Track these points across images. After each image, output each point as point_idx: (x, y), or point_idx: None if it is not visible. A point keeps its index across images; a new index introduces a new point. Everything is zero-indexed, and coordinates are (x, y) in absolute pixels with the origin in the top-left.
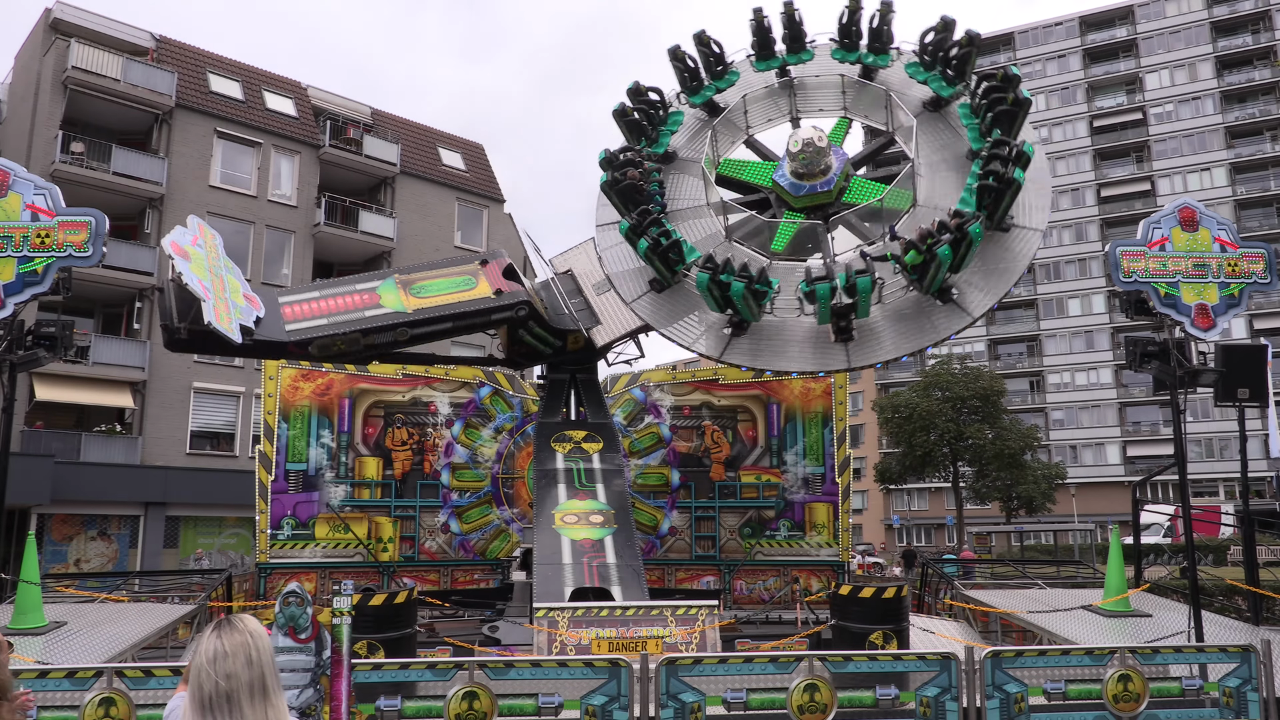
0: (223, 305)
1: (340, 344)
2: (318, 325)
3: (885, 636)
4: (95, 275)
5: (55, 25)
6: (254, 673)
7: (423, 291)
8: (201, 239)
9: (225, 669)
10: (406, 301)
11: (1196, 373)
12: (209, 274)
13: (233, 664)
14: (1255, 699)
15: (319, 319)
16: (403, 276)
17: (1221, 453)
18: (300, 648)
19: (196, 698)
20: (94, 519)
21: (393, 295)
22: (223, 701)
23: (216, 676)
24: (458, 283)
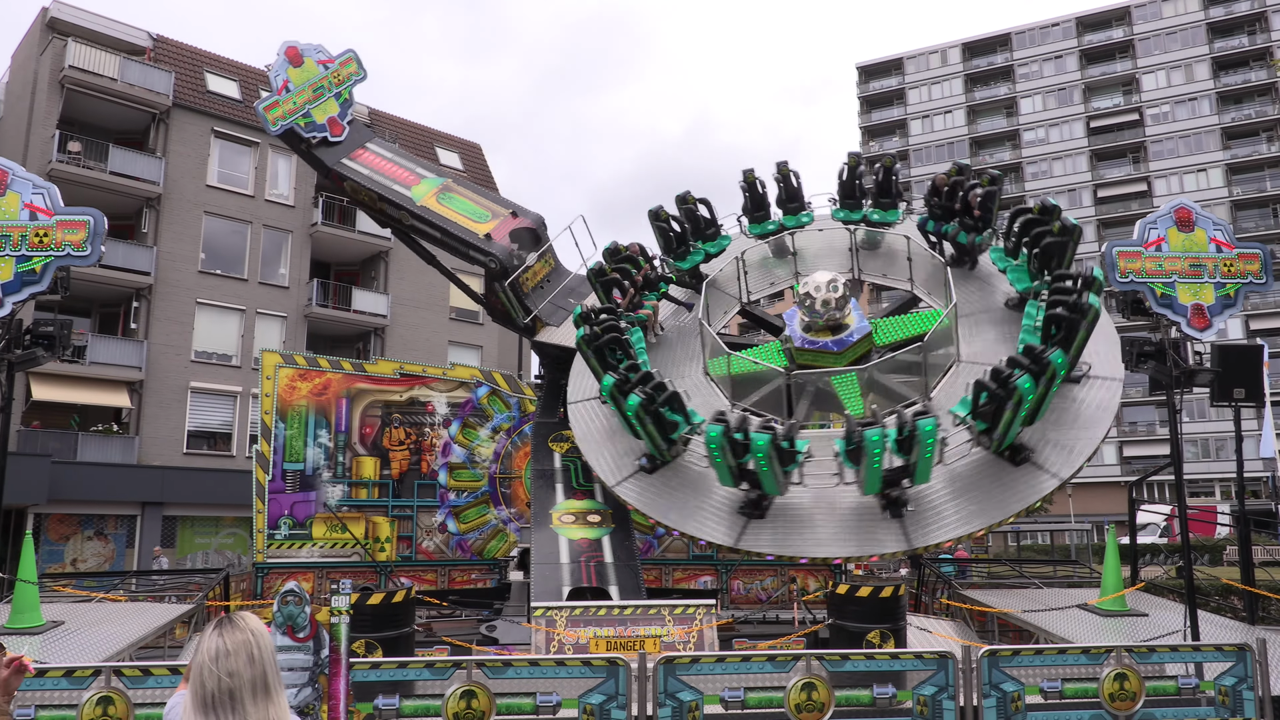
0: (290, 107)
1: (364, 195)
2: (361, 173)
3: (882, 636)
4: (92, 275)
5: (52, 24)
6: (256, 671)
7: (447, 201)
8: (334, 65)
9: (228, 667)
10: (428, 200)
11: (1193, 373)
12: (309, 88)
13: (235, 662)
14: (1251, 697)
15: (367, 170)
16: (450, 184)
17: (1217, 453)
18: (298, 646)
19: (199, 695)
20: (91, 519)
21: (426, 189)
22: (225, 699)
23: (219, 674)
24: (476, 211)
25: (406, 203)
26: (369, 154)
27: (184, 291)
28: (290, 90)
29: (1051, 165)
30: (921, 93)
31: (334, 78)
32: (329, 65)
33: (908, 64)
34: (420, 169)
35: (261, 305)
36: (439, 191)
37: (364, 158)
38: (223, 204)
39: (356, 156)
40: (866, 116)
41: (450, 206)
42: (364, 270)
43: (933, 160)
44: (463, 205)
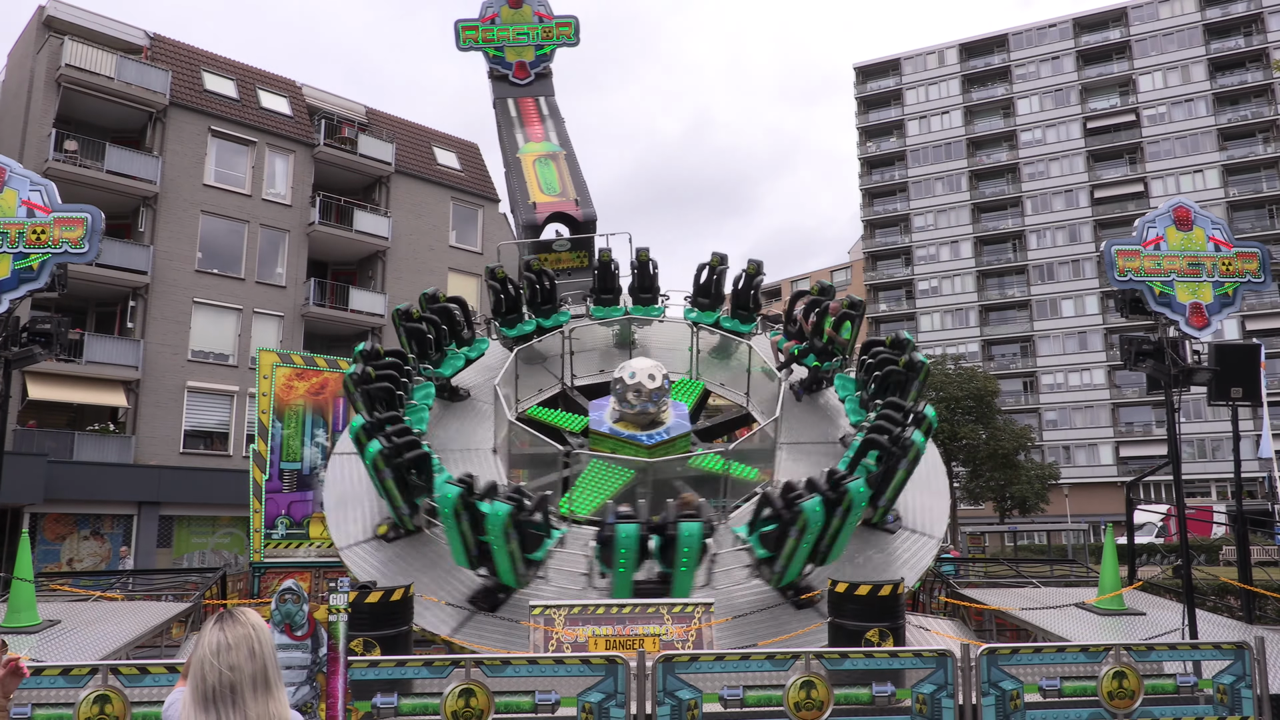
0: (488, 37)
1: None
2: (508, 114)
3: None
4: (89, 274)
5: (49, 23)
6: (256, 665)
7: (540, 165)
8: (550, 21)
9: (229, 661)
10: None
11: (1191, 371)
12: (515, 31)
13: (236, 656)
14: (1249, 696)
15: (513, 113)
16: (559, 156)
17: (1213, 453)
18: (296, 645)
19: (199, 690)
20: (87, 518)
21: (536, 149)
22: (226, 694)
23: (220, 668)
24: (552, 185)
25: (510, 149)
26: (529, 102)
27: (181, 291)
28: (496, 23)
29: (1048, 166)
30: (919, 93)
31: (543, 31)
32: (544, 20)
33: (905, 65)
34: (553, 134)
35: (258, 304)
36: (542, 156)
37: (524, 104)
38: (220, 203)
39: (522, 101)
40: (864, 117)
41: (536, 170)
42: (361, 270)
43: (930, 161)
44: (547, 175)
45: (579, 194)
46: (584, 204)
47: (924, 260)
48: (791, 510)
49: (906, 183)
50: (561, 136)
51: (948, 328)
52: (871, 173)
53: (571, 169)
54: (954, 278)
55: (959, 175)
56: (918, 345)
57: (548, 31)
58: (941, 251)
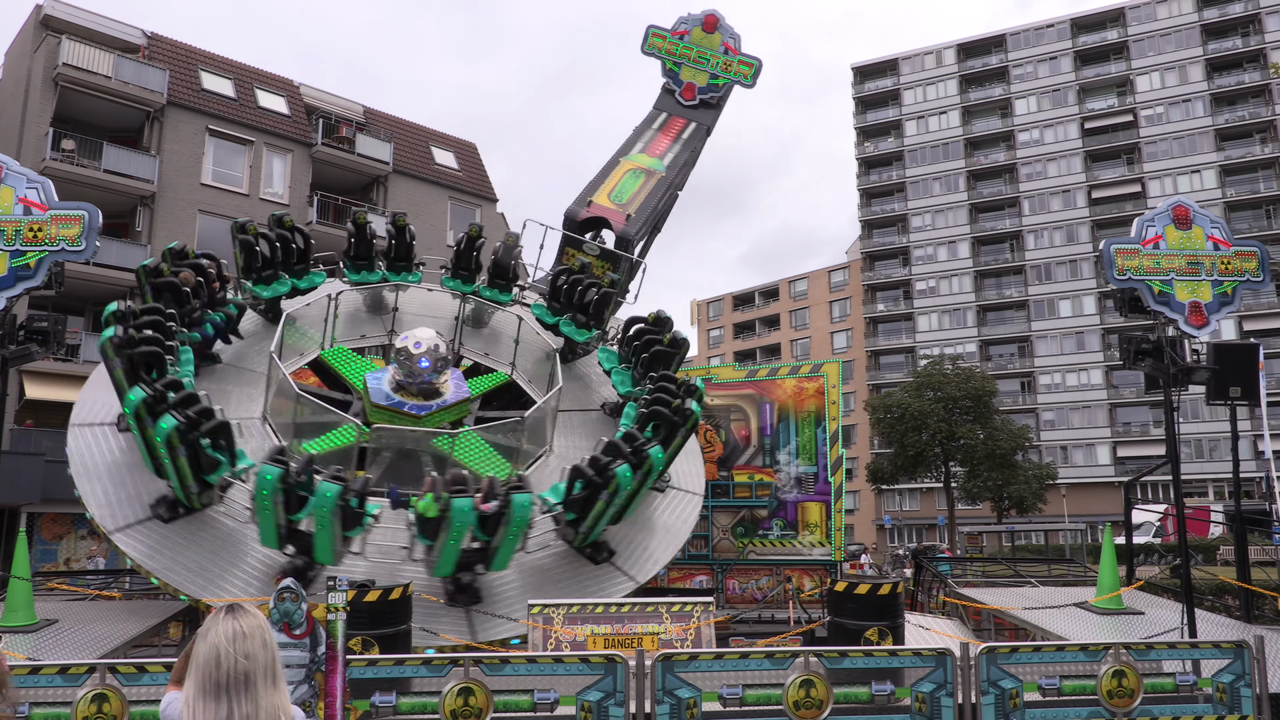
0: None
1: None
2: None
3: (880, 633)
4: (85, 273)
5: (46, 22)
6: (268, 656)
7: (631, 176)
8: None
9: (245, 649)
10: (626, 164)
11: (1189, 370)
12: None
13: (251, 645)
14: (1248, 695)
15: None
16: (654, 174)
17: (1210, 454)
18: (295, 643)
19: (210, 679)
20: (84, 518)
21: (639, 160)
22: (240, 682)
23: (236, 655)
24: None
25: (623, 150)
26: (678, 122)
27: None
28: (684, 40)
29: (1046, 166)
30: (916, 94)
31: (724, 63)
32: (729, 53)
33: (903, 65)
34: (668, 156)
35: None
36: (640, 169)
37: (673, 122)
38: (217, 202)
39: (673, 118)
40: (861, 117)
41: (623, 176)
42: None
43: (928, 161)
44: (627, 186)
45: (637, 213)
46: (633, 223)
47: (922, 260)
48: (605, 476)
49: (904, 183)
50: (674, 164)
51: (945, 328)
52: (869, 173)
53: (652, 192)
54: (952, 278)
55: (957, 175)
56: (674, 322)
57: (728, 64)
58: (939, 252)
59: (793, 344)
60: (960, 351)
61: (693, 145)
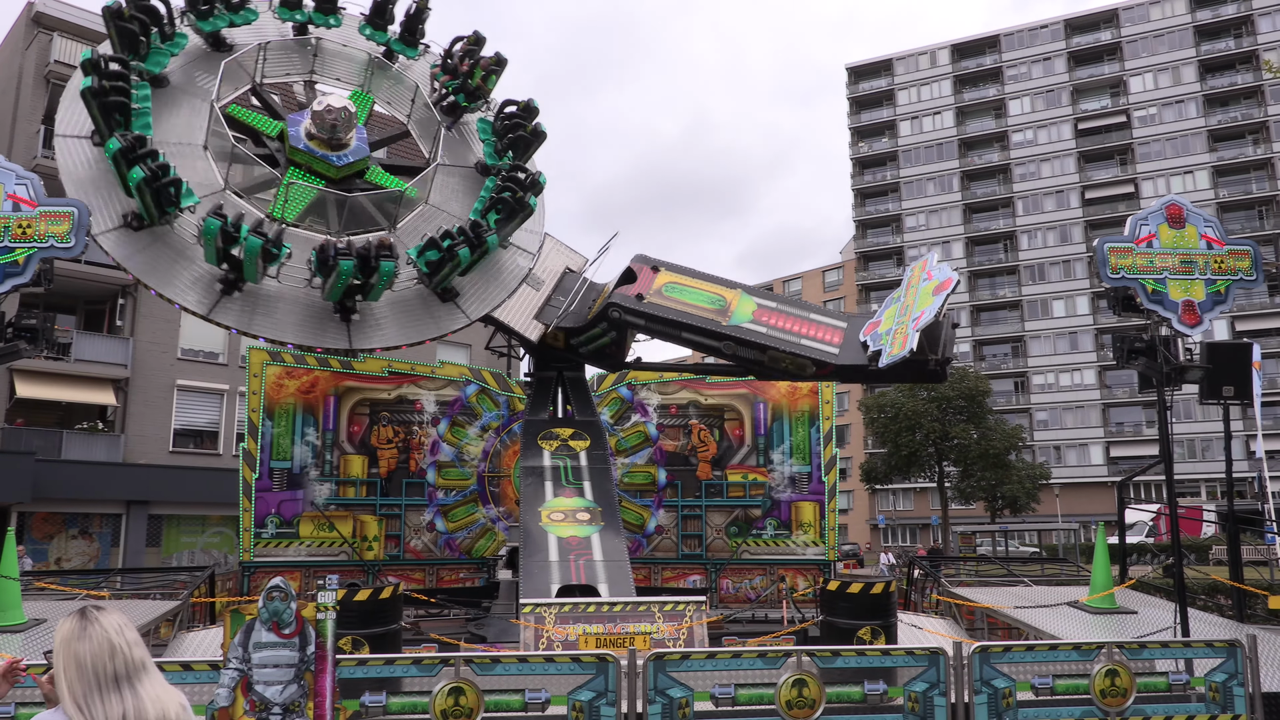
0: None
1: None
2: None
3: (873, 632)
4: (78, 272)
5: (38, 19)
6: (142, 644)
7: (721, 303)
8: (1224, 249)
9: (132, 637)
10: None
11: (1183, 369)
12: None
13: (134, 634)
14: (1241, 694)
15: None
16: (724, 316)
17: (1203, 454)
18: (284, 643)
19: (107, 671)
20: (75, 517)
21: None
22: (138, 669)
23: (130, 644)
24: (683, 291)
25: None
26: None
27: None
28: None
29: (1040, 167)
30: (911, 94)
31: (1216, 262)
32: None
33: (897, 65)
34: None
35: None
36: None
37: None
38: None
39: None
40: (856, 117)
41: None
42: None
43: (922, 161)
44: None
45: None
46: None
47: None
48: (450, 254)
49: (898, 183)
50: None
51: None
52: (863, 173)
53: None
54: None
55: (951, 176)
56: (541, 190)
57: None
58: (933, 252)
59: None
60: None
61: None
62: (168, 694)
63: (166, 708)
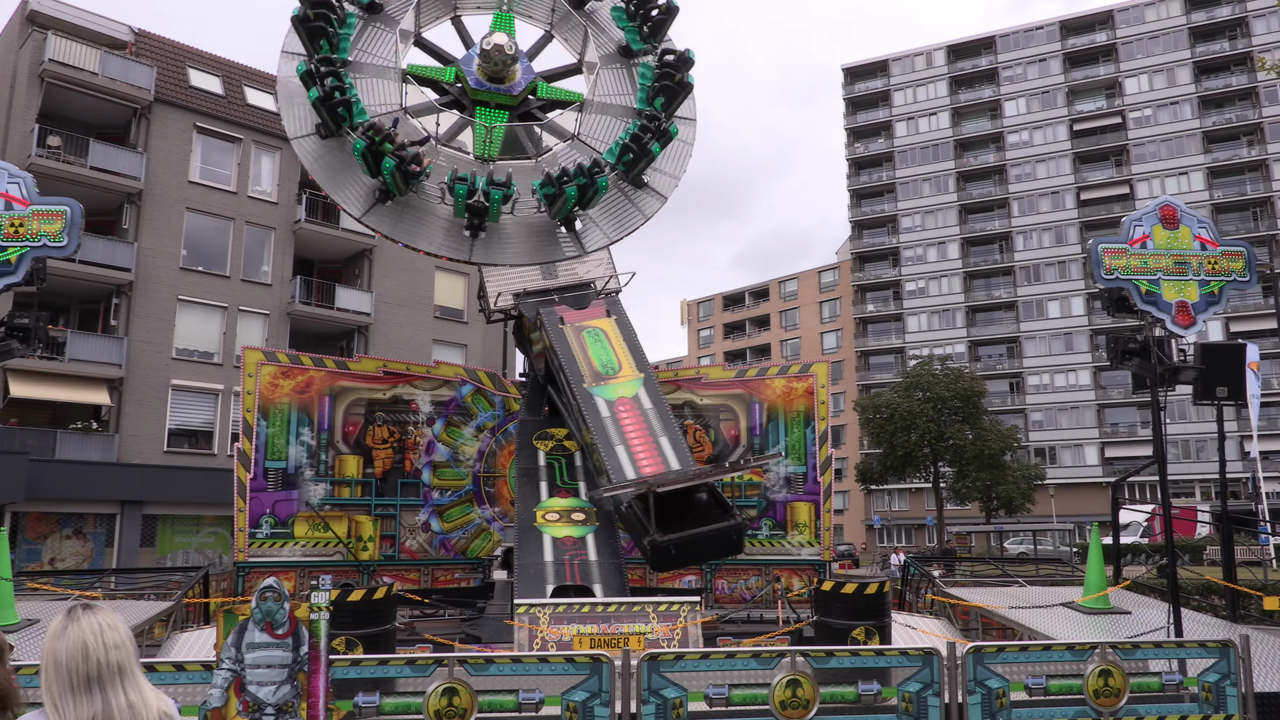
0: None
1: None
2: (672, 442)
3: (867, 632)
4: (72, 271)
5: (32, 17)
6: (133, 646)
7: (612, 366)
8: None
9: (113, 639)
10: (627, 376)
11: (1177, 370)
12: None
13: (118, 635)
14: (1234, 694)
15: (661, 441)
16: (589, 381)
17: (1197, 454)
18: (277, 643)
19: (80, 673)
20: (69, 517)
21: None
22: (114, 673)
23: (106, 647)
24: (595, 340)
25: None
26: None
27: (165, 288)
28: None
29: (1035, 168)
30: (906, 95)
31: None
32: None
33: (893, 66)
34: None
35: (244, 303)
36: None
37: None
38: (205, 200)
39: None
40: (852, 118)
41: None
42: (347, 268)
43: (918, 162)
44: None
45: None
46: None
47: (911, 261)
48: (560, 190)
49: (894, 184)
50: None
51: (935, 328)
52: (859, 174)
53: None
54: (941, 279)
55: (946, 176)
56: (693, 65)
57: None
58: (929, 252)
59: (783, 344)
60: (949, 352)
61: None
62: (147, 701)
63: (139, 715)
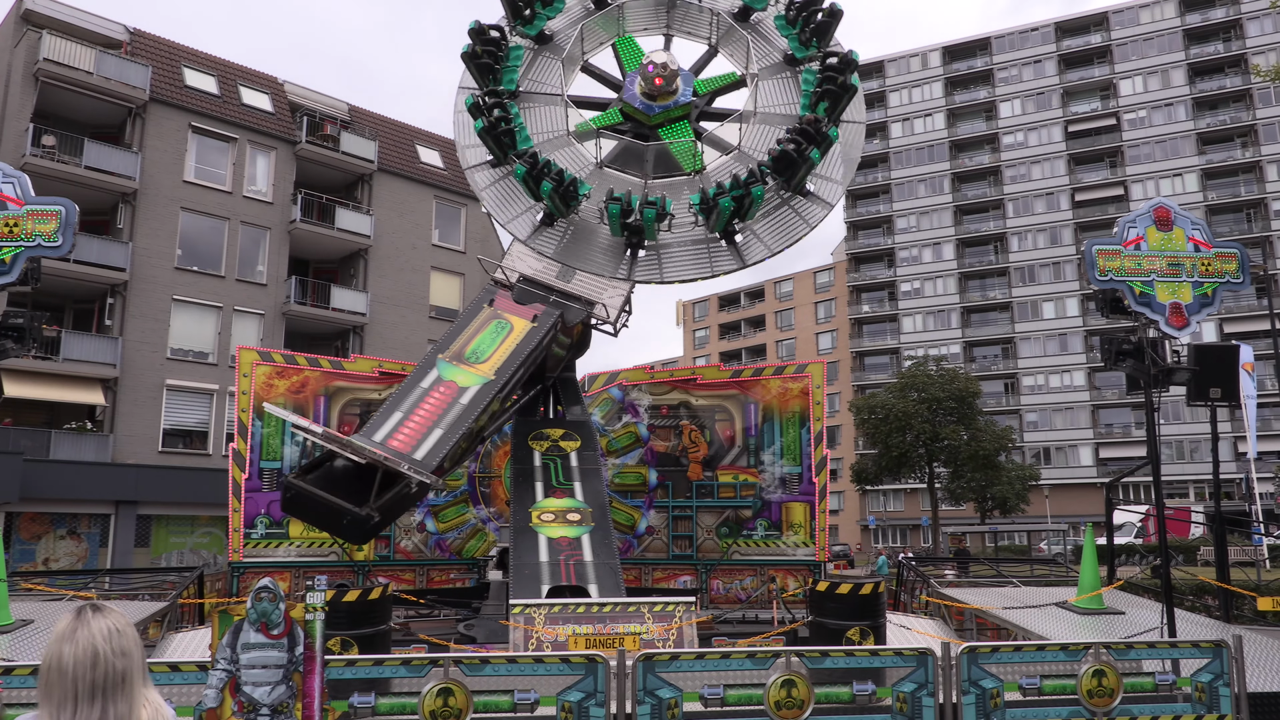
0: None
1: (463, 443)
2: (438, 439)
3: (862, 633)
4: (66, 271)
5: (27, 16)
6: (142, 652)
7: (478, 358)
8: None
9: (121, 645)
10: (478, 370)
11: (1170, 371)
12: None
13: (126, 641)
14: (1227, 694)
15: (432, 433)
16: (447, 354)
17: (1191, 455)
18: (272, 644)
19: (86, 680)
20: (63, 518)
21: (461, 374)
22: (117, 682)
23: (114, 653)
24: (495, 331)
25: (492, 389)
26: (397, 436)
27: (160, 288)
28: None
29: (1030, 169)
30: (902, 95)
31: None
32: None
33: (888, 67)
34: (423, 384)
35: (239, 302)
36: (466, 364)
37: (403, 439)
38: (200, 200)
39: (407, 445)
40: None
41: (492, 350)
42: (343, 268)
43: (913, 163)
44: (487, 340)
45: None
46: (488, 293)
47: (906, 262)
48: (802, 156)
49: (889, 184)
50: None
51: (930, 329)
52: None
53: (441, 344)
54: (936, 279)
55: (941, 177)
56: (858, 67)
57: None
58: (924, 253)
59: (778, 345)
60: (944, 353)
61: None
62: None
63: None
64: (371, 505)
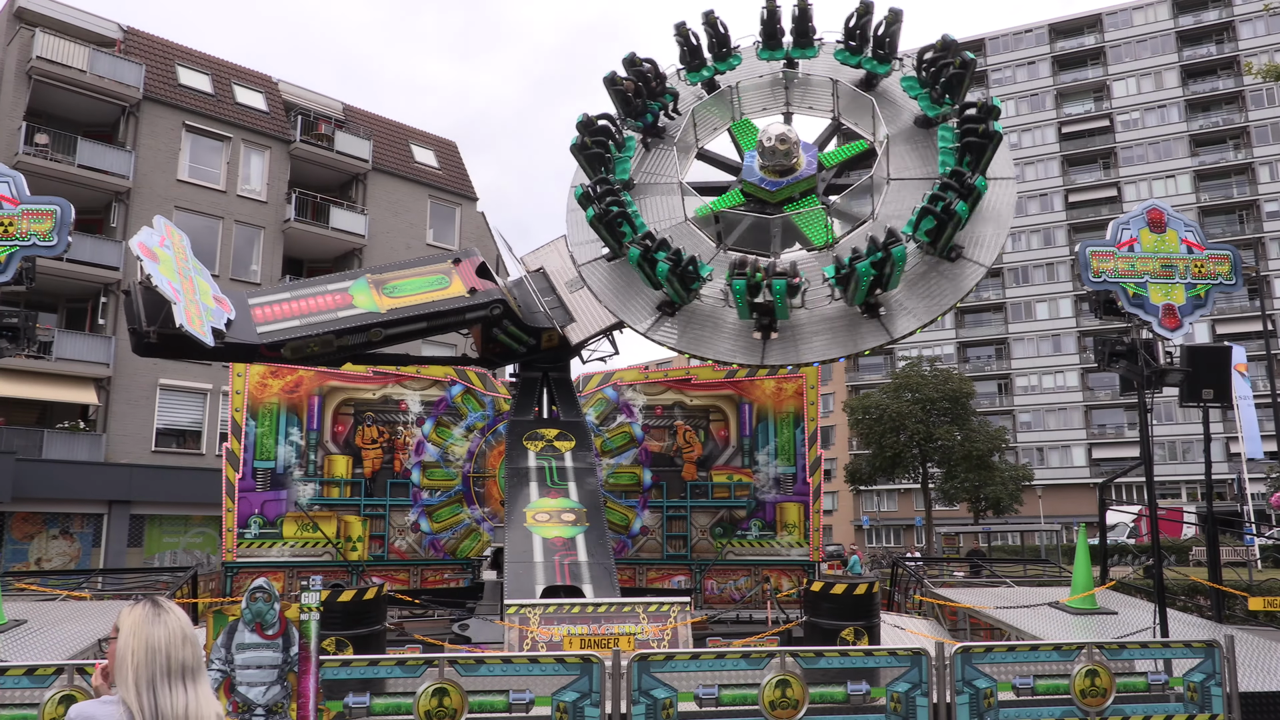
0: (194, 307)
1: (314, 345)
2: (290, 327)
3: (856, 633)
4: (59, 269)
5: (19, 14)
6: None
7: (396, 291)
8: (169, 240)
9: (197, 637)
10: (379, 301)
11: (1163, 372)
12: (178, 275)
13: (196, 633)
14: (1219, 694)
15: (291, 320)
16: (375, 276)
17: (1184, 455)
18: (267, 644)
19: (177, 660)
20: (56, 517)
21: (365, 295)
22: (195, 669)
23: (195, 642)
24: (431, 282)
25: (370, 319)
26: (266, 309)
27: None
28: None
29: (1024, 170)
30: None
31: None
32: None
33: None
34: (330, 285)
35: None
36: (378, 291)
37: (268, 312)
38: (194, 199)
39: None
40: None
41: (408, 293)
42: (337, 267)
43: None
44: (416, 285)
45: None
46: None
47: None
48: (949, 213)
49: None
50: (335, 279)
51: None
52: None
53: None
54: None
55: None
56: (999, 114)
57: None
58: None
59: None
60: (938, 353)
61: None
62: (213, 702)
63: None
64: (157, 328)
